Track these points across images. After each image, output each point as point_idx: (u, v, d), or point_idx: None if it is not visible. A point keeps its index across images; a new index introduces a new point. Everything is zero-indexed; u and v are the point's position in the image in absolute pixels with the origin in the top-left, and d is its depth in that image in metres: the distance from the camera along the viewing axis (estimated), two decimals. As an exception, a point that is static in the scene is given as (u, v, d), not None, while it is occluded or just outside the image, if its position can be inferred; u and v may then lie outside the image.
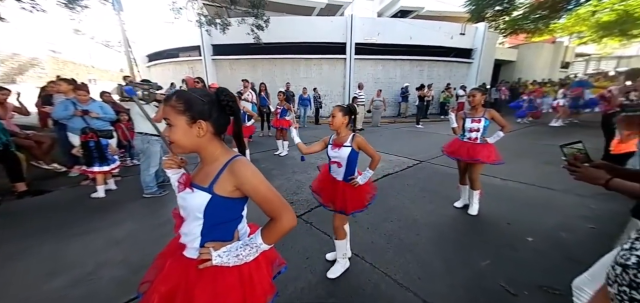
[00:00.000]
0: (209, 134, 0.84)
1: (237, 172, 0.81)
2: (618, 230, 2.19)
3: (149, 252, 2.24)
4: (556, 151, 4.74)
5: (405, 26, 11.58)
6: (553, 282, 1.78)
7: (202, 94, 0.83)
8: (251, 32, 9.07)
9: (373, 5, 17.03)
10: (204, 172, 0.86)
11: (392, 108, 12.21)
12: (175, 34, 11.57)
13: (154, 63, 12.90)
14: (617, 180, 0.93)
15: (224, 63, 11.25)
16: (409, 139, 6.92)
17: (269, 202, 0.82)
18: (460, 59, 12.43)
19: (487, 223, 2.54)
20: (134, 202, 3.26)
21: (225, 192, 0.82)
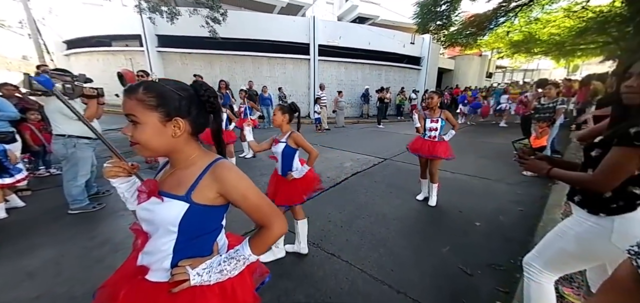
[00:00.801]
0: (186, 134, 0.71)
1: (222, 178, 0.70)
2: (539, 211, 2.68)
3: (79, 281, 1.82)
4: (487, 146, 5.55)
5: (365, 31, 12.20)
6: (498, 259, 2.05)
7: (178, 87, 0.71)
8: (206, 24, 8.27)
9: (333, 9, 17.46)
10: (176, 178, 0.73)
11: (355, 109, 12.74)
12: (106, 19, 9.81)
13: (75, 51, 10.70)
14: (556, 169, 1.10)
15: (173, 56, 10.01)
16: (372, 138, 7.27)
17: (258, 209, 0.73)
18: (411, 66, 13.71)
19: (444, 213, 2.81)
20: (54, 221, 2.61)
21: (205, 199, 0.70)
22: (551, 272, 1.16)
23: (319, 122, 8.57)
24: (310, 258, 2.10)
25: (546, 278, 1.17)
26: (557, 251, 1.13)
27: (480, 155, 5.14)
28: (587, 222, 1.05)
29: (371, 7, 14.35)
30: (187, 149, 0.74)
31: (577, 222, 1.09)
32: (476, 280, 1.86)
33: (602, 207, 1.00)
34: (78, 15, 10.34)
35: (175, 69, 10.10)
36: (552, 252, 1.15)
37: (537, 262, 1.19)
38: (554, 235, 1.17)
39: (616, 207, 0.97)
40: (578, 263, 1.13)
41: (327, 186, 3.58)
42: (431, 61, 13.96)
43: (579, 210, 1.10)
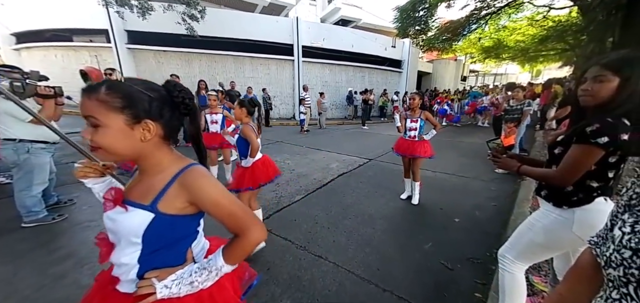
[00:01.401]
0: (157, 138, 0.66)
1: (191, 185, 0.65)
2: (511, 206, 2.88)
3: (36, 300, 1.65)
4: (465, 146, 5.83)
5: (348, 34, 12.38)
6: (476, 253, 2.17)
7: (147, 87, 0.65)
8: (183, 21, 7.89)
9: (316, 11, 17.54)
10: (144, 185, 0.68)
11: (340, 111, 12.86)
12: (65, 11, 8.96)
13: (28, 45, 9.69)
14: (525, 166, 1.18)
15: (146, 54, 9.39)
16: (357, 139, 7.38)
17: (233, 217, 0.68)
18: (392, 69, 14.15)
19: (426, 210, 2.92)
20: (6, 235, 2.33)
21: (173, 209, 0.65)
22: (522, 262, 1.25)
23: (304, 123, 8.55)
24: (297, 261, 2.07)
25: (518, 268, 1.25)
26: (527, 242, 1.21)
27: (459, 154, 5.42)
28: (552, 214, 1.14)
29: (354, 10, 14.61)
30: (158, 154, 0.68)
31: (543, 214, 1.18)
32: (456, 274, 1.95)
33: (564, 200, 1.09)
34: (31, 5, 9.29)
35: (148, 67, 9.52)
36: (523, 243, 1.23)
37: (510, 253, 1.27)
38: (525, 228, 1.25)
39: (576, 199, 1.06)
40: (545, 252, 1.23)
41: (313, 188, 3.57)
42: (411, 64, 14.50)
43: (545, 204, 1.19)
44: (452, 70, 19.28)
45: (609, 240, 0.48)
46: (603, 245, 0.49)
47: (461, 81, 21.19)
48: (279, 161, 4.91)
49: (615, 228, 0.47)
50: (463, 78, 21.92)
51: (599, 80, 0.95)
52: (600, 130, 0.91)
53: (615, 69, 0.92)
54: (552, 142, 1.16)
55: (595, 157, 0.95)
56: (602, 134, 0.91)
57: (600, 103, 0.96)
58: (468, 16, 9.90)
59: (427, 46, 11.53)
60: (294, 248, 2.24)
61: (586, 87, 1.00)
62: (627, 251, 0.42)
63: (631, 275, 0.40)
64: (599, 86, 0.96)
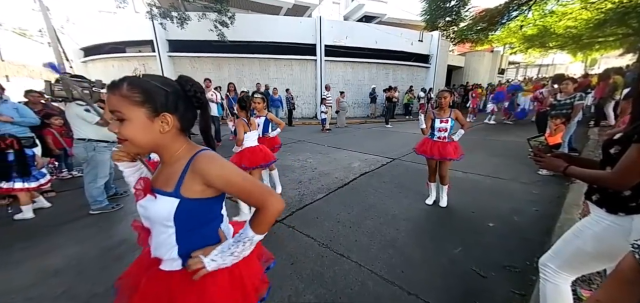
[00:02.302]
0: (174, 129, 0.72)
1: (202, 169, 0.70)
2: (556, 211, 2.60)
3: (100, 279, 1.91)
4: (500, 145, 5.39)
5: (371, 30, 12.13)
6: (513, 261, 2.00)
7: (163, 82, 0.71)
8: (214, 28, 8.47)
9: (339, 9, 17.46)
10: (166, 173, 0.74)
11: (362, 109, 12.67)
12: (120, 26, 10.16)
13: (92, 58, 11.12)
14: (573, 167, 1.07)
15: (183, 60, 10.29)
16: (380, 138, 7.22)
17: (247, 192, 0.73)
18: (419, 64, 13.51)
19: (455, 213, 2.76)
20: (77, 221, 2.76)
21: (193, 193, 0.71)
22: (568, 272, 1.14)
23: (325, 122, 8.61)
24: (320, 258, 2.11)
25: (562, 279, 1.14)
26: (574, 251, 1.10)
27: (492, 154, 5.02)
28: (605, 221, 1.03)
29: (378, 5, 14.25)
30: (175, 144, 0.74)
31: (594, 221, 1.07)
32: (490, 282, 1.83)
33: (620, 206, 0.98)
34: (94, 23, 10.80)
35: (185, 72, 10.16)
36: (569, 252, 1.12)
37: (553, 263, 1.17)
38: (571, 235, 1.14)
39: (635, 205, 0.95)
40: (596, 263, 1.10)
41: (335, 186, 3.59)
42: (440, 58, 13.70)
43: (596, 209, 1.07)
44: (487, 62, 17.77)
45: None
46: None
47: (498, 74, 19.45)
48: (301, 160, 5.01)
49: None
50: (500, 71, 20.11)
51: None
52: None
53: None
54: (607, 140, 1.05)
55: None
56: None
57: None
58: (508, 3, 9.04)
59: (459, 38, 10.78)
60: (316, 245, 2.28)
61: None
62: None
63: None
64: None
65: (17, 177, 2.68)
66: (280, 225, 2.60)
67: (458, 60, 17.74)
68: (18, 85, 6.76)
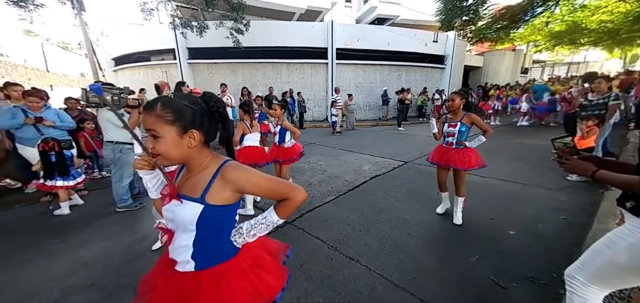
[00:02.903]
0: (200, 143, 0.80)
1: (233, 178, 0.78)
2: (588, 220, 2.39)
3: (125, 272, 2.04)
4: (523, 148, 5.08)
5: (384, 32, 11.98)
6: (537, 272, 1.86)
7: (191, 102, 0.79)
8: (230, 35, 8.82)
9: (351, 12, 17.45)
10: (193, 181, 0.81)
11: (374, 112, 12.50)
12: (145, 36, 10.88)
13: (121, 67, 11.97)
14: (603, 171, 0.98)
15: (201, 67, 10.80)
16: (392, 141, 7.08)
17: (275, 191, 0.82)
18: (434, 65, 13.12)
19: (472, 219, 2.62)
20: (105, 218, 2.97)
21: (219, 200, 0.78)
22: (599, 286, 1.03)
23: (336, 125, 8.59)
24: (329, 261, 2.09)
25: (592, 293, 1.04)
26: (605, 263, 1.01)
27: (514, 158, 4.74)
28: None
29: (391, 7, 14.06)
30: (201, 156, 0.82)
31: (629, 231, 0.97)
32: (511, 294, 1.71)
33: None
34: (123, 34, 11.71)
35: (202, 78, 10.86)
36: (599, 263, 1.03)
37: (580, 275, 1.07)
38: (602, 245, 1.04)
39: None
40: (631, 277, 1.00)
41: (345, 189, 3.56)
42: (456, 59, 13.22)
43: (632, 218, 0.97)
44: (509, 62, 16.90)
45: None
46: None
47: (521, 74, 18.42)
48: (311, 162, 5.03)
49: None
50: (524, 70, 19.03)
51: None
52: None
53: None
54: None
55: None
56: None
57: None
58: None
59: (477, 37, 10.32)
60: (325, 248, 2.27)
61: None
62: None
63: None
64: None
65: (58, 176, 2.94)
66: (290, 227, 2.62)
67: (476, 60, 17.05)
68: (59, 93, 7.50)
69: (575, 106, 3.94)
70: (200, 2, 8.30)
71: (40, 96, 3.10)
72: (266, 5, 11.60)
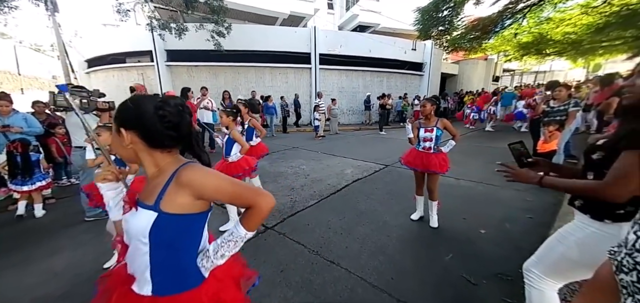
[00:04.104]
0: (141, 145, 0.74)
1: (189, 181, 0.70)
2: (551, 219, 2.58)
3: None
4: (495, 151, 5.37)
5: (365, 40, 12.36)
6: (506, 269, 1.98)
7: (134, 102, 0.74)
8: (211, 38, 8.61)
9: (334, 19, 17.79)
10: (149, 187, 0.75)
11: (357, 116, 12.76)
12: (121, 37, 10.34)
13: (95, 69, 11.30)
14: (549, 178, 1.03)
15: (180, 69, 10.44)
16: (374, 145, 7.25)
17: (239, 196, 0.74)
18: (413, 72, 13.74)
19: (447, 220, 2.73)
20: (74, 227, 2.83)
21: (176, 207, 0.70)
22: (553, 278, 1.11)
23: (319, 129, 8.65)
24: (310, 265, 2.08)
25: (548, 286, 1.12)
26: (558, 257, 1.08)
27: (486, 161, 5.04)
28: (590, 228, 0.99)
29: (372, 15, 14.55)
30: (150, 158, 0.76)
31: (578, 227, 1.04)
32: (481, 290, 1.80)
33: (606, 213, 0.94)
34: (97, 36, 11.01)
35: (182, 81, 10.45)
36: (552, 257, 1.10)
37: (537, 268, 1.15)
38: (555, 240, 1.12)
39: (624, 213, 0.90)
40: (582, 270, 1.06)
41: (328, 193, 3.57)
42: (433, 66, 13.93)
43: (580, 215, 1.05)
44: (481, 70, 18.06)
45: (622, 245, 0.43)
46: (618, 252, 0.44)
47: (493, 82, 19.73)
48: (294, 166, 5.00)
49: (630, 232, 0.42)
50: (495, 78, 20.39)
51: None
52: None
53: None
54: (590, 145, 1.02)
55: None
56: None
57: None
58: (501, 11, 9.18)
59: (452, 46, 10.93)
60: (306, 252, 2.25)
61: (630, 83, 0.90)
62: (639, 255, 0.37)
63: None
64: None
65: (25, 180, 2.94)
66: (270, 232, 2.57)
67: (452, 68, 18.04)
68: (30, 97, 6.99)
69: (538, 112, 4.28)
70: (180, 4, 8.05)
71: (9, 100, 3.10)
72: (249, 9, 11.51)
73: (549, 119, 3.77)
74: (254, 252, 2.23)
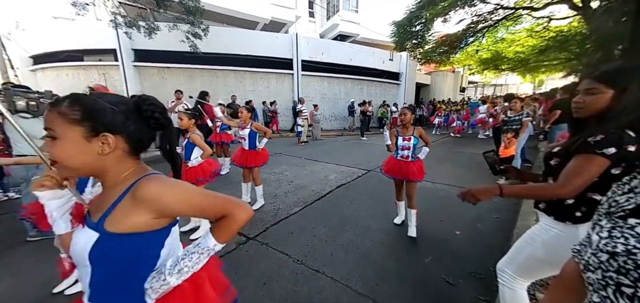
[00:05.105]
0: (120, 151, 0.63)
1: (148, 195, 0.60)
2: (514, 218, 2.82)
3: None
4: (463, 157, 5.74)
5: (346, 48, 12.72)
6: (478, 267, 2.11)
7: (114, 101, 0.63)
8: (186, 40, 8.17)
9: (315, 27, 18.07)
10: (101, 200, 0.65)
11: (339, 122, 12.98)
12: (77, 33, 9.27)
13: (43, 66, 9.97)
14: (508, 188, 1.08)
15: (150, 71, 9.67)
16: (356, 151, 7.39)
17: (211, 208, 0.66)
18: (391, 81, 14.41)
19: (426, 223, 2.84)
20: (14, 248, 2.41)
21: (126, 226, 0.60)
22: (523, 277, 1.20)
23: (301, 135, 8.62)
24: (294, 275, 2.03)
25: (519, 284, 1.21)
26: (527, 257, 1.16)
27: (457, 165, 5.40)
28: (554, 229, 1.08)
29: (351, 26, 15.07)
30: (119, 168, 0.64)
31: (544, 229, 1.13)
32: (458, 290, 1.90)
33: (567, 215, 1.04)
34: (47, 29, 9.72)
35: (152, 83, 9.77)
36: (522, 258, 1.19)
37: (509, 268, 1.23)
38: (524, 242, 1.21)
39: (581, 215, 1.00)
40: (548, 268, 1.15)
41: (312, 199, 3.55)
42: (409, 76, 14.78)
43: (545, 217, 1.13)
44: (450, 81, 19.58)
45: (587, 245, 0.48)
46: (584, 251, 0.50)
47: (460, 92, 21.46)
48: (277, 173, 4.91)
49: (593, 233, 0.48)
50: (462, 89, 22.21)
51: (591, 93, 0.95)
52: (605, 140, 0.89)
53: (609, 81, 0.91)
54: (548, 153, 1.13)
55: (600, 167, 0.91)
56: (608, 145, 0.88)
57: (596, 115, 0.95)
58: (464, 30, 10.17)
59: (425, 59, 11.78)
60: (291, 262, 2.20)
61: (578, 100, 1.00)
62: (604, 254, 0.43)
63: (609, 278, 0.41)
64: (591, 98, 0.95)
65: None
66: (252, 243, 2.47)
67: (425, 78, 19.27)
68: None
69: (499, 121, 4.75)
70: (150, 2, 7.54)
71: None
72: (228, 13, 11.21)
73: (507, 127, 4.21)
74: (235, 265, 2.12)
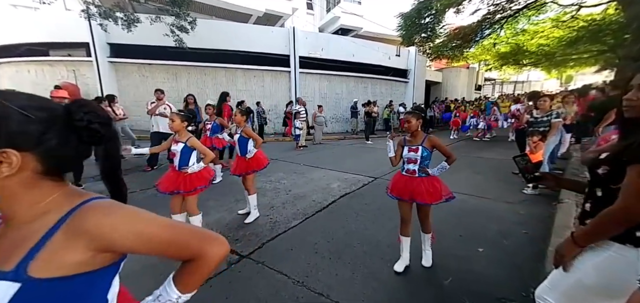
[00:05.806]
0: (30, 172, 0.52)
1: (89, 228, 0.52)
2: (546, 233, 2.73)
3: None
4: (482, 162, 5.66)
5: (348, 43, 12.78)
6: (508, 292, 2.02)
7: (30, 105, 0.52)
8: (171, 33, 8.14)
9: (314, 21, 18.25)
10: (11, 239, 0.52)
11: (340, 124, 12.93)
12: (41, 24, 9.18)
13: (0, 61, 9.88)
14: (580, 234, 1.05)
15: (129, 68, 9.67)
16: (360, 156, 7.36)
17: (174, 245, 0.58)
18: (398, 78, 14.45)
19: (443, 237, 2.76)
20: None
21: (64, 268, 0.51)
22: None
23: (299, 139, 8.54)
24: (294, 299, 1.96)
25: None
26: (574, 284, 1.08)
27: (475, 172, 5.34)
28: (607, 251, 0.99)
29: (354, 18, 15.17)
30: (31, 196, 0.53)
31: (594, 251, 1.04)
32: (484, 315, 1.82)
33: (626, 235, 0.94)
34: (4, 19, 9.53)
35: (131, 81, 9.77)
36: (567, 284, 1.10)
37: (550, 296, 1.15)
38: None
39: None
40: (600, 298, 1.05)
41: (312, 211, 3.48)
42: (418, 73, 14.81)
43: None
44: (464, 78, 19.65)
45: None
46: None
47: (475, 90, 21.54)
48: (273, 181, 4.85)
49: None
50: (477, 87, 22.31)
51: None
52: None
53: None
54: (593, 160, 1.05)
55: None
56: None
57: None
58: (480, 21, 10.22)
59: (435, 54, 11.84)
60: (290, 284, 2.13)
61: (631, 97, 0.94)
62: None
63: None
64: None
65: None
66: (246, 262, 2.40)
67: (436, 76, 19.38)
68: None
69: (523, 122, 4.68)
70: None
71: None
72: (217, 4, 11.32)
73: (532, 129, 4.11)
74: (225, 289, 2.05)
